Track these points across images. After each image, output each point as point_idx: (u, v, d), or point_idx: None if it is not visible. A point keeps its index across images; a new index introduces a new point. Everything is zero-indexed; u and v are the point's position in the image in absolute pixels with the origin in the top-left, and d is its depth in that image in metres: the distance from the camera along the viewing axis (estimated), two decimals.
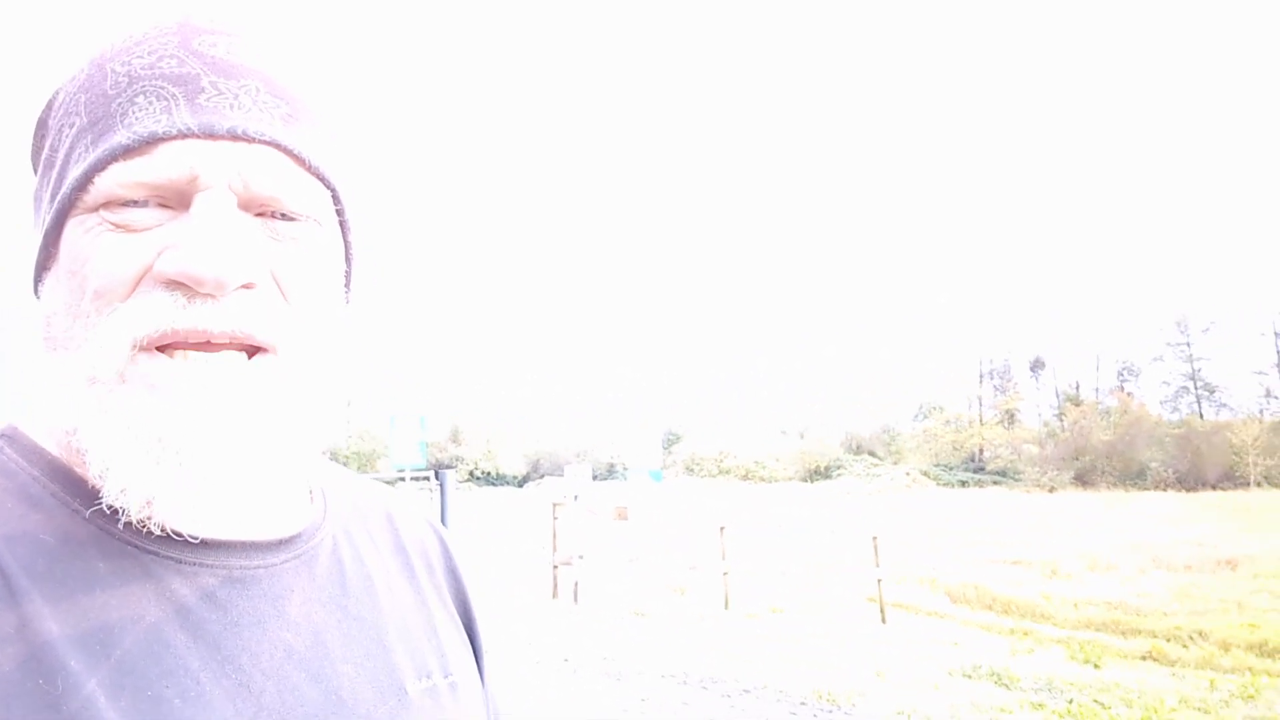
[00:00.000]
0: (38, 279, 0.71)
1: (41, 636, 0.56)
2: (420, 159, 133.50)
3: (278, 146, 0.66)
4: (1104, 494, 50.33)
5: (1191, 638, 11.90)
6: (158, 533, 0.65)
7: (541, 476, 71.29)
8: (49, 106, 0.72)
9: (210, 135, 0.63)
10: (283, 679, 0.65)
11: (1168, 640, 11.85)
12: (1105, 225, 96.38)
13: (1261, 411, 64.72)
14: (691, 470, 74.39)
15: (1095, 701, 7.92)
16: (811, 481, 68.65)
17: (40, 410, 0.69)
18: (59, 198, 0.66)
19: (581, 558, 13.87)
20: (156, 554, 0.64)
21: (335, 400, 0.74)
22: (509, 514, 35.46)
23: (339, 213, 0.74)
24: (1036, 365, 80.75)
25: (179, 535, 0.66)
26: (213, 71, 0.66)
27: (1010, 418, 76.84)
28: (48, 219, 0.67)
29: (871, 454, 75.88)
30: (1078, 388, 77.51)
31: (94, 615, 0.59)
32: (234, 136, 0.64)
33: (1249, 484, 50.57)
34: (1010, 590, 17.26)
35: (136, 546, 0.64)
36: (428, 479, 14.73)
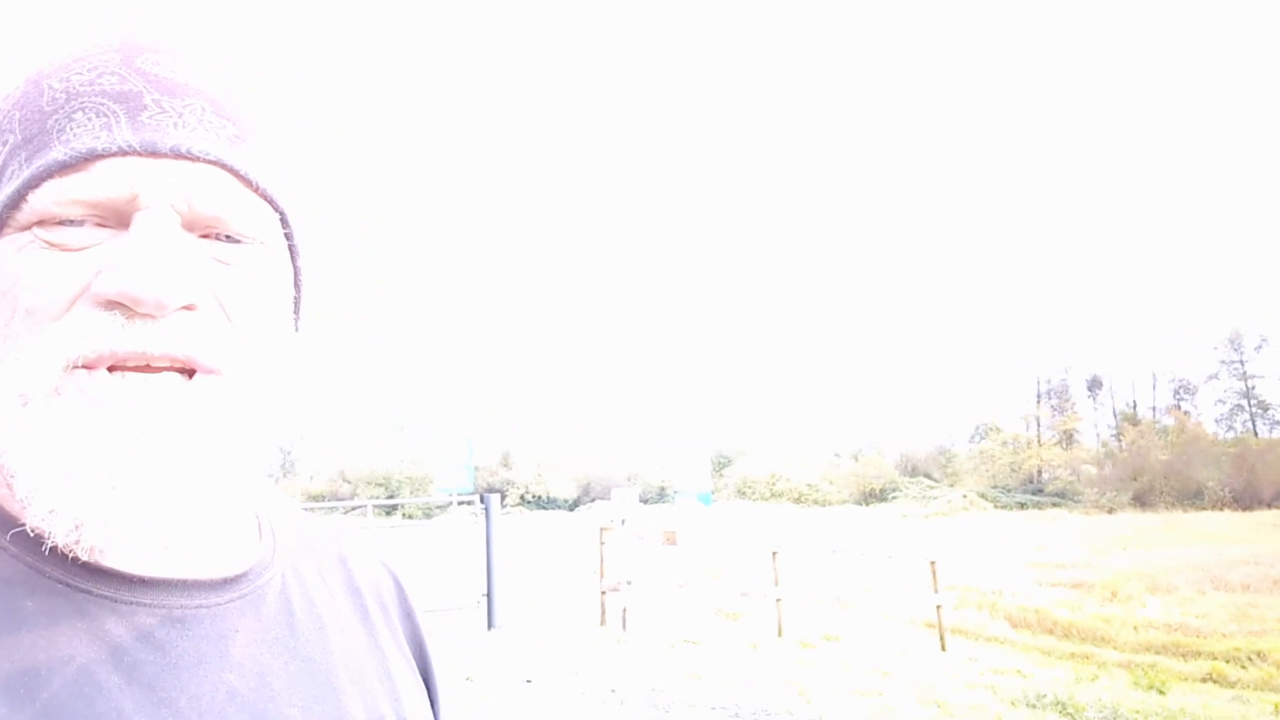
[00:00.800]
0: None
1: None
2: (469, 180, 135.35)
3: (223, 166, 0.63)
4: (1162, 514, 49.49)
5: (1250, 659, 11.61)
6: (93, 567, 0.62)
7: (592, 500, 71.28)
8: None
9: (153, 153, 0.61)
10: None
11: (1227, 662, 11.58)
12: (1160, 244, 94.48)
13: None
14: (743, 493, 73.85)
15: None
16: (866, 504, 67.74)
17: None
18: None
19: (629, 583, 13.58)
20: (90, 592, 0.61)
21: (277, 426, 0.70)
22: (558, 538, 35.41)
23: (287, 236, 0.71)
24: (1094, 385, 79.25)
25: (115, 572, 0.63)
26: (156, 89, 0.63)
27: (1068, 438, 75.39)
28: None
29: (927, 476, 74.86)
30: (1135, 407, 75.88)
31: (19, 657, 0.56)
32: (177, 155, 0.61)
33: None
34: (1070, 614, 16.88)
35: (68, 585, 0.60)
36: (473, 503, 14.62)
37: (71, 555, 0.62)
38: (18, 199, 0.61)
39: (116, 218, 0.61)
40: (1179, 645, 12.98)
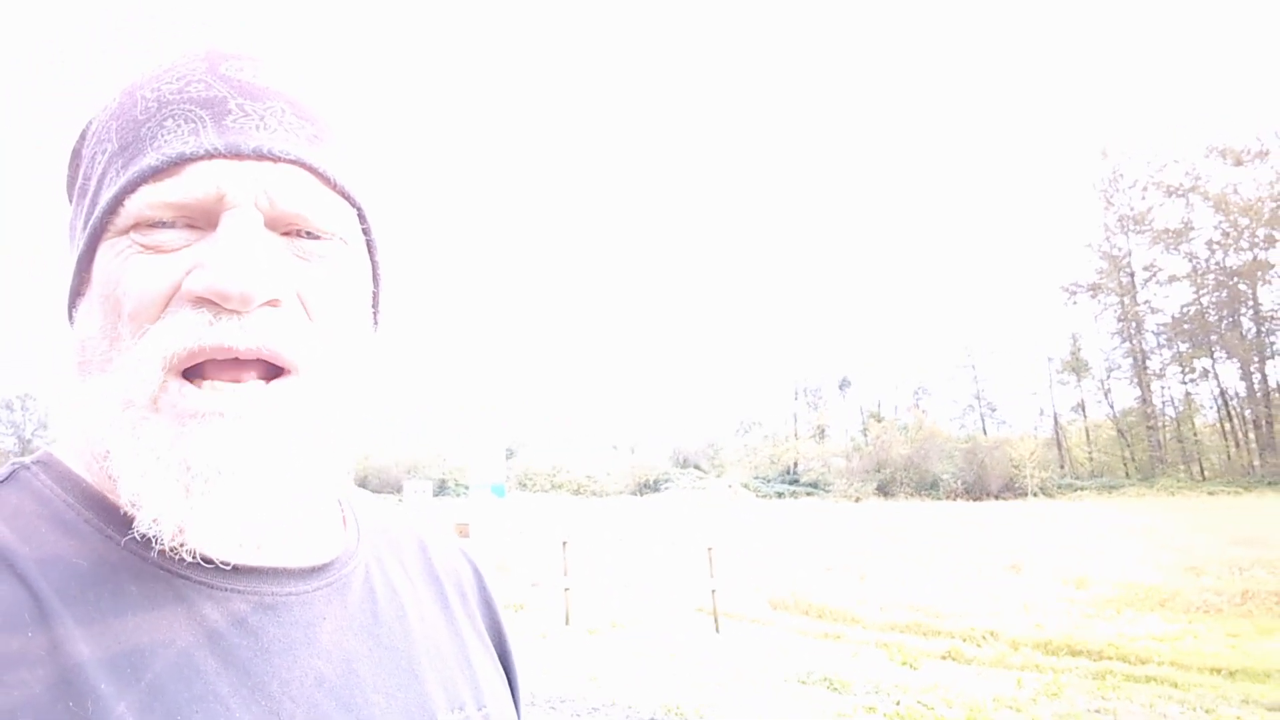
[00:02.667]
0: (72, 305, 0.69)
1: (72, 659, 0.54)
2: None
3: (304, 165, 0.66)
4: (902, 503, 52.93)
5: (985, 638, 12.51)
6: (190, 559, 0.64)
7: (373, 494, 68.67)
8: (82, 136, 0.72)
9: (236, 155, 0.63)
10: (313, 707, 0.64)
11: (964, 640, 12.43)
12: (904, 260, 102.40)
13: (1035, 429, 69.97)
14: (525, 485, 73.67)
15: (919, 703, 8.33)
16: (641, 495, 69.18)
17: (75, 435, 0.68)
18: (91, 222, 0.65)
19: None
20: (189, 579, 0.63)
21: (359, 421, 0.72)
22: None
23: (365, 232, 0.74)
24: (844, 384, 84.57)
25: (211, 561, 0.65)
26: (239, 94, 0.65)
27: (821, 433, 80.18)
28: (81, 245, 0.66)
29: (697, 467, 77.43)
30: (880, 406, 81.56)
31: (125, 639, 0.58)
32: (260, 156, 0.64)
33: (1026, 494, 53.81)
34: (824, 596, 17.88)
35: (169, 571, 0.63)
36: None
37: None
38: (115, 204, 0.63)
39: (205, 218, 0.63)
40: (920, 625, 13.94)
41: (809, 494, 64.62)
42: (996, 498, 54.49)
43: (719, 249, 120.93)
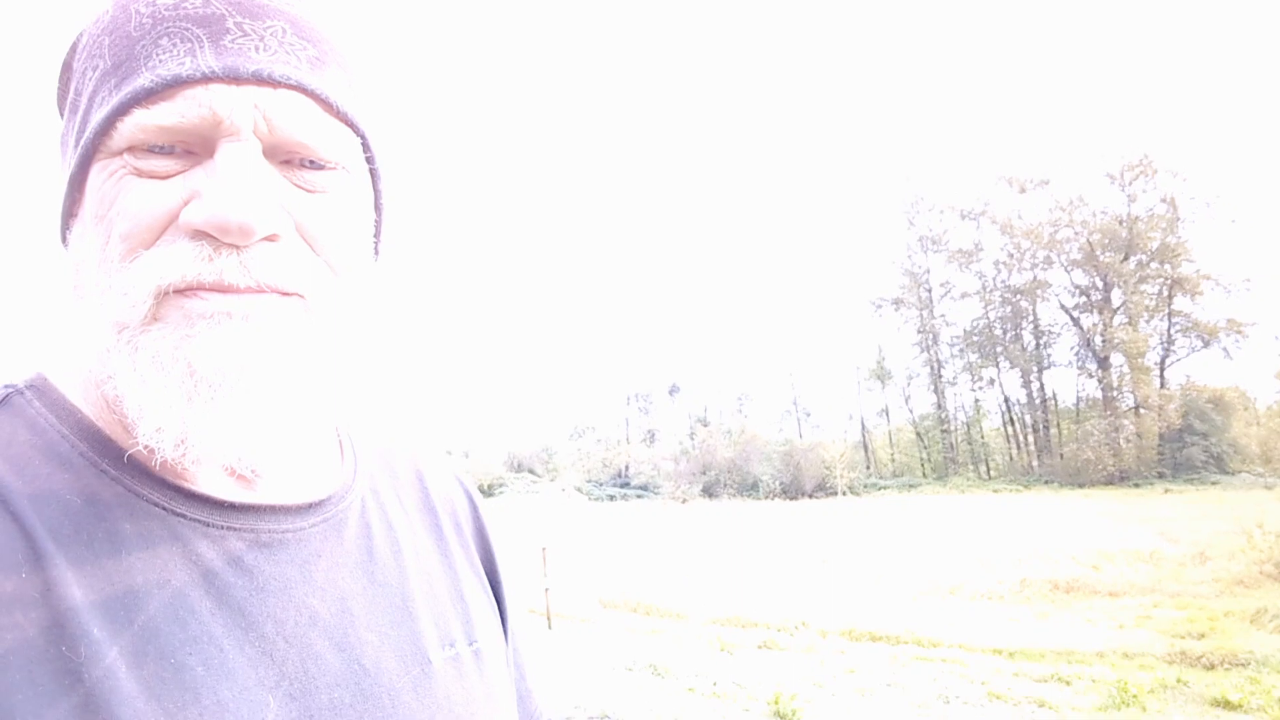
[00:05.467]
0: (65, 227, 0.66)
1: (65, 602, 0.53)
2: None
3: (304, 90, 0.62)
4: (726, 503, 53.51)
5: (797, 627, 12.96)
6: (187, 491, 0.62)
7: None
8: (73, 49, 0.67)
9: (234, 79, 0.59)
10: (306, 647, 0.62)
11: (778, 631, 12.87)
12: (729, 275, 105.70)
13: (845, 432, 73.38)
14: None
15: (735, 684, 8.80)
16: None
17: (69, 360, 0.66)
18: (83, 142, 0.61)
19: None
20: (184, 516, 0.61)
21: (363, 351, 0.70)
22: None
23: (368, 160, 0.70)
24: (674, 390, 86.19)
25: (207, 497, 0.63)
26: (238, 12, 0.61)
27: (651, 437, 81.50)
28: (73, 164, 0.63)
29: (531, 471, 77.04)
30: (706, 411, 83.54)
31: (118, 580, 0.56)
32: (259, 80, 0.60)
33: (836, 493, 55.20)
34: (652, 593, 18.21)
35: (164, 508, 0.61)
36: None
37: (167, 480, 0.62)
38: (108, 126, 0.59)
39: (202, 144, 0.59)
40: (739, 617, 14.39)
41: (639, 496, 65.07)
42: (810, 497, 55.71)
43: (553, 257, 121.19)
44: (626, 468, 74.56)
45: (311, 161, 0.63)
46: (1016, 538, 23.48)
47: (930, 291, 69.46)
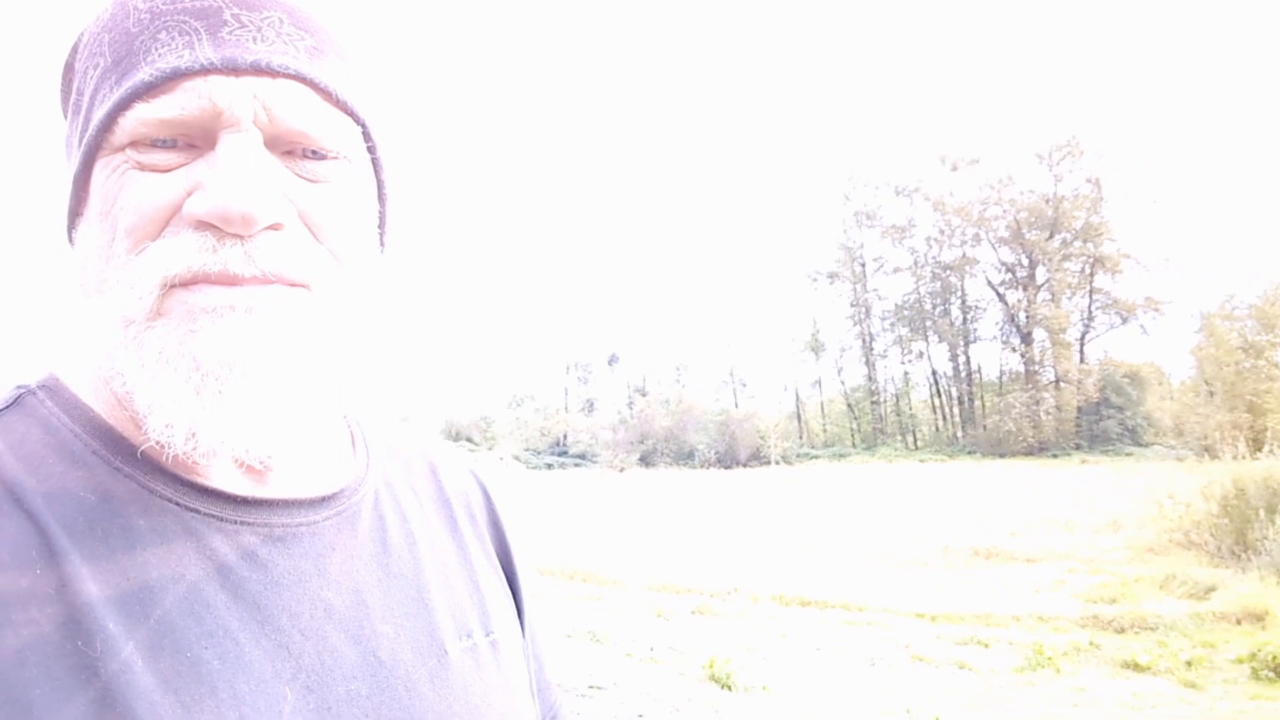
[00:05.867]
0: (71, 225, 0.66)
1: (81, 597, 0.53)
2: None
3: (303, 80, 0.62)
4: (662, 471, 53.48)
5: (730, 594, 13.12)
6: (200, 487, 0.62)
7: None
8: (74, 49, 0.67)
9: (233, 70, 0.59)
10: (322, 639, 0.62)
11: (711, 597, 13.02)
12: (669, 247, 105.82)
13: (779, 403, 74.19)
14: None
15: (670, 649, 9.00)
16: None
17: (79, 358, 0.66)
18: (86, 140, 0.61)
19: None
20: (198, 511, 0.61)
21: (369, 340, 0.70)
22: None
23: (370, 149, 0.69)
24: (613, 360, 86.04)
25: (220, 492, 0.63)
26: (235, 4, 0.61)
27: (590, 406, 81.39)
28: (77, 163, 0.63)
29: (469, 440, 76.41)
30: (645, 381, 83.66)
31: (134, 575, 0.56)
32: (257, 70, 0.59)
33: (770, 462, 55.72)
34: (590, 561, 18.30)
35: (178, 504, 0.61)
36: None
37: (180, 476, 0.62)
38: (109, 122, 0.59)
39: (203, 136, 0.59)
40: (674, 585, 14.43)
41: (577, 465, 64.84)
42: (745, 466, 56.04)
43: (494, 226, 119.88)
44: (565, 436, 74.31)
45: (313, 151, 0.63)
46: (940, 506, 24.07)
47: (864, 266, 70.41)
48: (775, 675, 8.12)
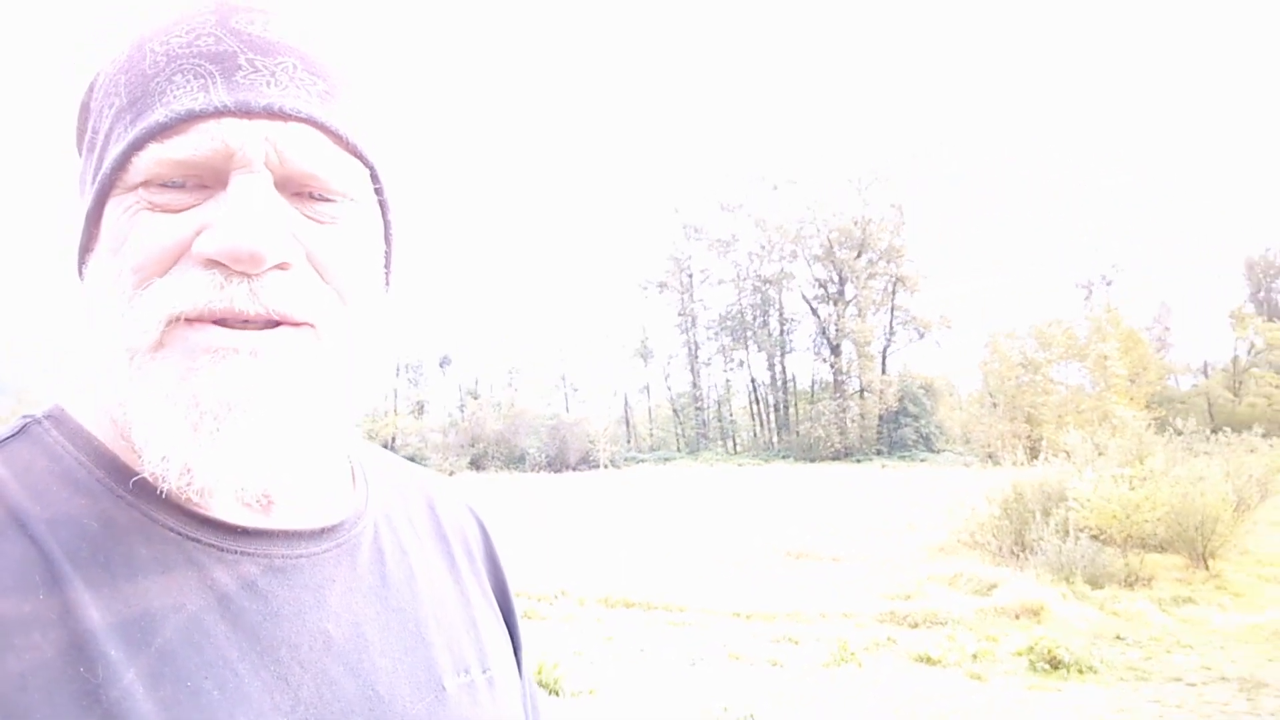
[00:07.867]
0: (81, 261, 0.66)
1: (83, 624, 0.53)
2: None
3: (314, 124, 0.62)
4: (493, 475, 52.95)
5: (557, 596, 13.21)
6: (201, 517, 0.62)
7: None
8: (90, 89, 0.68)
9: (246, 113, 0.59)
10: (320, 672, 0.62)
11: (539, 600, 12.99)
12: (504, 251, 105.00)
13: (609, 408, 74.98)
14: None
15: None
16: None
17: (85, 390, 0.66)
18: (99, 178, 0.62)
19: None
20: (199, 541, 0.61)
21: (373, 379, 0.70)
22: None
23: (378, 191, 0.70)
24: (445, 362, 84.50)
25: (221, 523, 0.63)
26: (250, 49, 0.61)
27: (421, 409, 79.50)
28: (90, 200, 0.63)
29: None
30: (477, 384, 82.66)
31: (135, 603, 0.56)
32: (270, 114, 0.60)
33: (599, 466, 56.22)
34: None
35: (179, 533, 0.60)
36: None
37: (183, 506, 0.62)
38: (124, 161, 0.59)
39: (215, 177, 0.59)
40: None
41: None
42: (574, 470, 56.20)
43: None
44: (393, 439, 72.31)
45: (322, 194, 0.63)
46: (756, 509, 25.13)
47: (691, 277, 72.26)
48: (602, 679, 8.20)
